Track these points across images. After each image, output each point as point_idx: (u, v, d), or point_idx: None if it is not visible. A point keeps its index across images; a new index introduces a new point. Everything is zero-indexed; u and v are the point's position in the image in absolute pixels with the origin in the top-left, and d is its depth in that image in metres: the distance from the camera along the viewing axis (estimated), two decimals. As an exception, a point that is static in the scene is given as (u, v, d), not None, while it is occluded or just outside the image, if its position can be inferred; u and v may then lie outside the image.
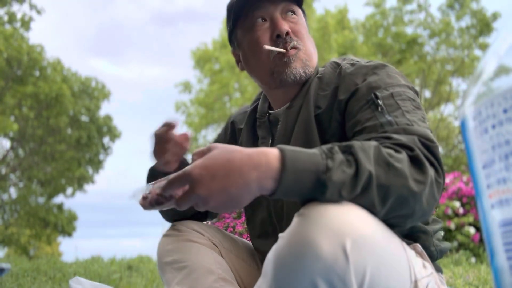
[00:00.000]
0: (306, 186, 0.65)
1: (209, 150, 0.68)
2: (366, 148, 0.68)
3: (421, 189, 0.68)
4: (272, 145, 1.10)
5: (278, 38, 1.05)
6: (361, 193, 0.66)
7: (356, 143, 0.69)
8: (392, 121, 0.81)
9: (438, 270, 0.98)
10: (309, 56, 1.08)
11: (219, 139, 1.32)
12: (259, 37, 1.07)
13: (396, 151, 0.71)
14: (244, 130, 1.22)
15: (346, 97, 0.94)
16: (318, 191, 0.65)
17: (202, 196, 0.66)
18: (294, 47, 1.05)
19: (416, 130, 0.77)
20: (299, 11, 1.11)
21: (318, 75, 1.07)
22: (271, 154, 0.66)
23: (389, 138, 0.75)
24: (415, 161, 0.70)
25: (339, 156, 0.66)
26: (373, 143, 0.70)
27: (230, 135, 1.29)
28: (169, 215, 1.23)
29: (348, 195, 0.65)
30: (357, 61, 1.03)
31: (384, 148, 0.70)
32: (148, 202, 0.77)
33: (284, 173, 0.64)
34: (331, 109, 0.97)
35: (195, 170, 0.66)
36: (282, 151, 0.66)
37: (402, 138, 0.73)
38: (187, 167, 0.68)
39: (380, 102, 0.87)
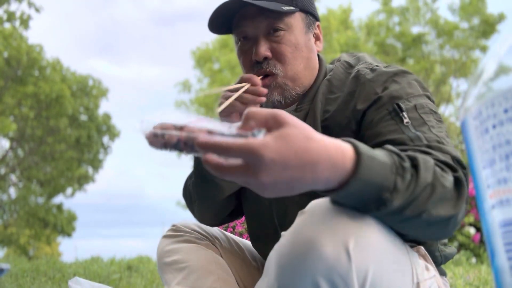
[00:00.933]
0: (366, 197, 0.61)
1: (281, 124, 0.55)
2: (428, 167, 0.66)
3: (460, 212, 0.68)
4: None
5: (257, 63, 1.00)
6: (407, 220, 0.65)
7: (420, 158, 0.66)
8: (421, 137, 0.79)
9: (442, 273, 0.97)
10: (293, 77, 1.01)
11: None
12: (242, 60, 1.05)
13: (443, 170, 0.69)
14: None
15: (365, 107, 0.91)
16: (373, 205, 0.62)
17: (263, 183, 0.54)
18: (270, 74, 0.99)
19: (449, 150, 0.75)
20: (291, 21, 1.01)
21: (327, 77, 1.03)
22: (348, 154, 0.58)
23: (429, 154, 0.72)
24: (458, 183, 0.69)
25: (408, 177, 0.62)
26: (431, 161, 0.68)
27: None
28: (208, 207, 1.12)
29: (397, 219, 0.64)
30: (377, 66, 0.98)
31: (436, 167, 0.68)
32: (162, 143, 0.61)
33: (354, 181, 0.58)
34: (343, 114, 0.94)
35: (268, 153, 0.52)
36: (359, 156, 0.59)
37: (442, 157, 0.72)
38: (256, 142, 0.52)
39: (404, 114, 0.84)
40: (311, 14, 1.06)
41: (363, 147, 0.61)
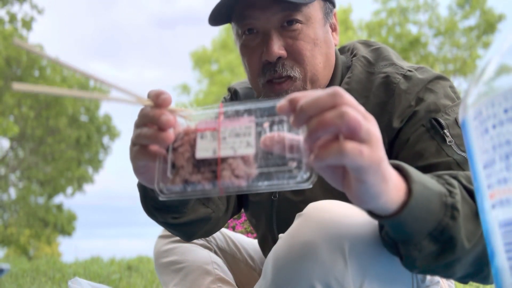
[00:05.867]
0: (431, 207, 0.55)
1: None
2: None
3: None
4: None
5: (268, 64, 0.84)
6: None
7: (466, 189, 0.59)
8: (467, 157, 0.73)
9: None
10: (312, 79, 0.86)
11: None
12: (247, 60, 0.88)
13: None
14: None
15: (401, 125, 0.81)
16: (442, 213, 0.55)
17: (363, 166, 0.46)
18: (287, 78, 0.84)
19: None
20: (310, 11, 0.85)
21: (346, 80, 0.89)
22: (402, 186, 0.53)
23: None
24: None
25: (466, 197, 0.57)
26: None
27: None
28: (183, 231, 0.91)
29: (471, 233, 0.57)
30: (409, 71, 0.85)
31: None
32: (182, 179, 0.50)
33: (414, 193, 0.53)
34: None
35: (372, 127, 0.47)
36: (408, 176, 0.54)
37: None
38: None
39: (446, 132, 0.75)
40: (329, 1, 0.90)
41: (411, 169, 0.55)
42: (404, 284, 0.69)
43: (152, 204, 0.79)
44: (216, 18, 0.88)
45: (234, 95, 1.09)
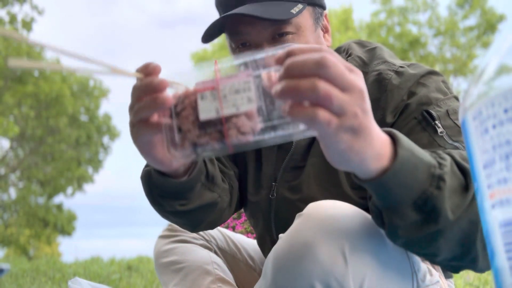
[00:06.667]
0: (417, 176, 0.55)
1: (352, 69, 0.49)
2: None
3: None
4: (278, 152, 0.98)
5: None
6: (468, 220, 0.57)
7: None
8: (460, 147, 0.72)
9: (448, 276, 0.93)
10: None
11: None
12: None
13: None
14: None
15: (394, 120, 0.82)
16: (428, 183, 0.55)
17: (355, 127, 0.48)
18: None
19: None
20: (299, 21, 0.87)
21: None
22: (388, 147, 0.54)
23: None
24: None
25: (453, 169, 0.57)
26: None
27: None
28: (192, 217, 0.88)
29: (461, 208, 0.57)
30: (401, 67, 0.86)
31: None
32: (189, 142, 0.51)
33: (399, 157, 0.53)
34: None
35: (360, 84, 0.49)
36: (396, 139, 0.55)
37: None
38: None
39: (437, 123, 0.76)
40: (318, 5, 0.92)
41: (400, 135, 0.56)
42: (404, 284, 0.69)
43: (158, 192, 0.79)
44: (209, 37, 0.90)
45: None
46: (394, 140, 0.55)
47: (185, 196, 0.81)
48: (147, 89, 0.55)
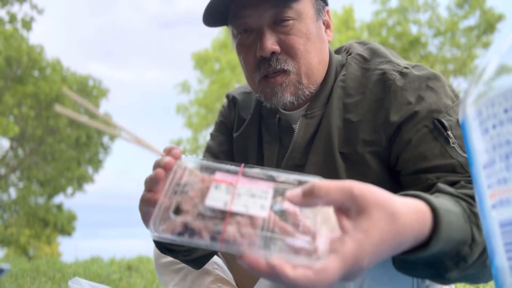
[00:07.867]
0: (444, 257, 0.56)
1: (362, 209, 0.47)
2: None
3: None
4: (279, 152, 0.97)
5: (263, 60, 0.87)
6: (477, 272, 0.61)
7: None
8: None
9: None
10: (307, 73, 0.88)
11: (226, 121, 1.11)
12: (243, 57, 0.91)
13: None
14: (249, 123, 1.03)
15: (400, 120, 0.80)
16: (451, 263, 0.57)
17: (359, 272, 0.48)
18: (281, 71, 0.86)
19: None
20: (300, 7, 0.88)
21: (341, 78, 0.90)
22: (427, 216, 0.53)
23: None
24: None
25: (481, 223, 0.56)
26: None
27: (236, 118, 1.08)
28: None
29: (471, 272, 0.60)
30: (405, 68, 0.85)
31: None
32: (175, 228, 0.47)
33: (436, 241, 0.53)
34: (370, 126, 0.83)
35: (365, 259, 0.47)
36: (435, 211, 0.54)
37: None
38: (349, 247, 0.45)
39: (450, 134, 0.75)
40: None
41: (436, 201, 0.55)
42: (404, 284, 0.69)
43: (164, 245, 0.86)
44: (212, 19, 0.91)
45: (232, 103, 1.11)
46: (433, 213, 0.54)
47: (189, 250, 0.87)
48: (156, 165, 0.58)
